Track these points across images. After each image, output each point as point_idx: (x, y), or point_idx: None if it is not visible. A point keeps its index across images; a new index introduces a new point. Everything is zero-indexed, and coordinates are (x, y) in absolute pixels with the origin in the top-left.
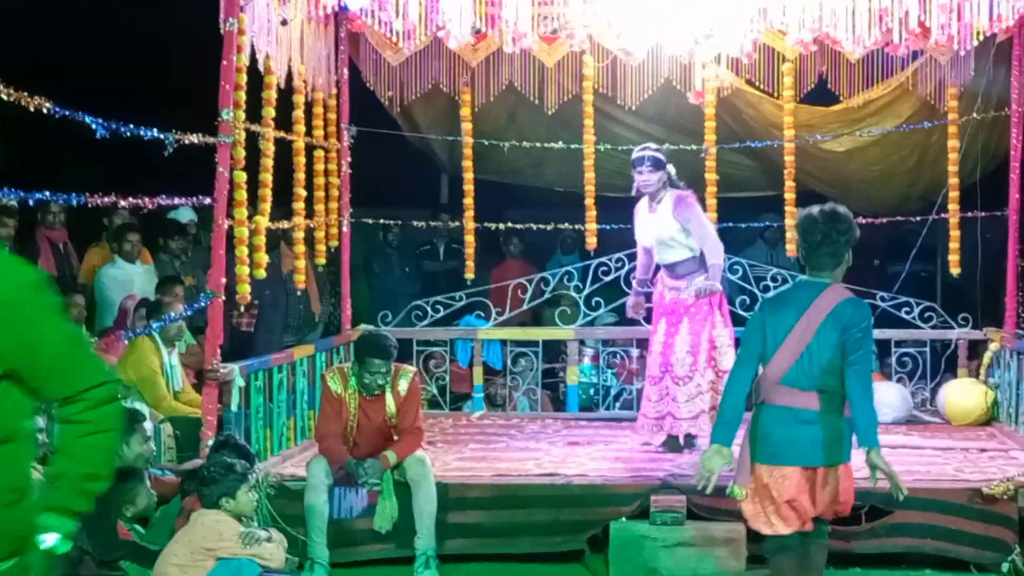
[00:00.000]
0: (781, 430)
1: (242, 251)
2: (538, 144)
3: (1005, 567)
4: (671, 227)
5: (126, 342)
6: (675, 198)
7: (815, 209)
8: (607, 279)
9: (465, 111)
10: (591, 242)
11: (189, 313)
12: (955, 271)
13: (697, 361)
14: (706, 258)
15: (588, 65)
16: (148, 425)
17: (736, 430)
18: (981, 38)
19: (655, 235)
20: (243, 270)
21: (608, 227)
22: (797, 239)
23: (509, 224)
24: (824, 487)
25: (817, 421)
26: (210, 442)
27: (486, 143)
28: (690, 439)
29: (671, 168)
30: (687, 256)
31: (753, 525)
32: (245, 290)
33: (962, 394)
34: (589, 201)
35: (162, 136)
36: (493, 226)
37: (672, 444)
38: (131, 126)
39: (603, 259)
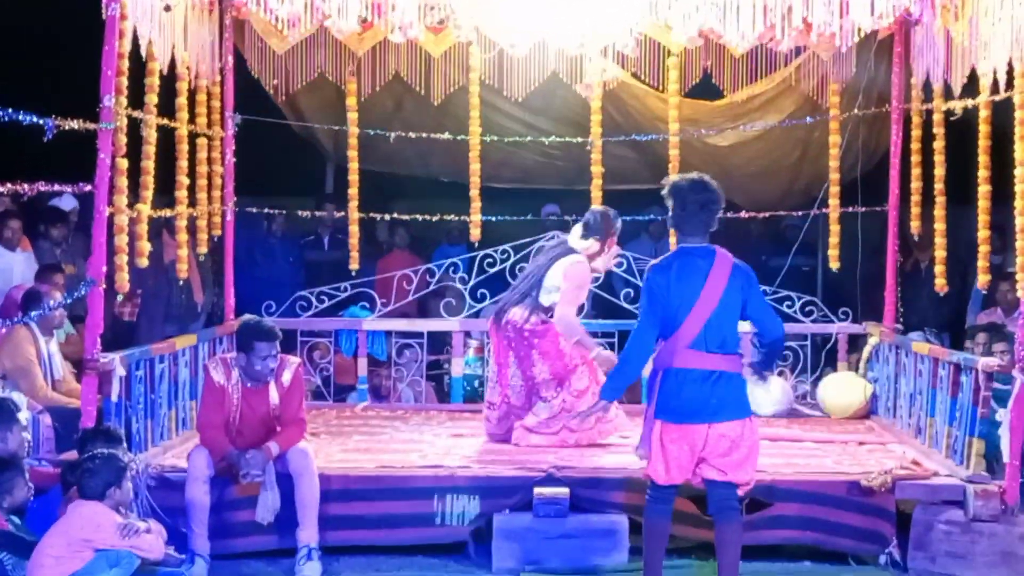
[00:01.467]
0: (691, 391)
1: (122, 239)
2: (424, 135)
3: (882, 559)
4: None
5: (3, 331)
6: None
7: (684, 180)
8: (492, 271)
9: (351, 101)
10: (475, 233)
11: (69, 302)
12: (835, 265)
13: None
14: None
15: (474, 56)
16: (25, 415)
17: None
18: (862, 35)
19: None
20: (123, 258)
21: (494, 219)
22: (671, 205)
23: (395, 215)
24: (723, 443)
25: (721, 379)
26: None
27: (372, 133)
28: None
29: None
30: None
31: (649, 472)
32: (124, 279)
33: (841, 388)
34: (474, 192)
35: (41, 121)
36: (378, 216)
37: None
38: (8, 110)
39: (488, 251)
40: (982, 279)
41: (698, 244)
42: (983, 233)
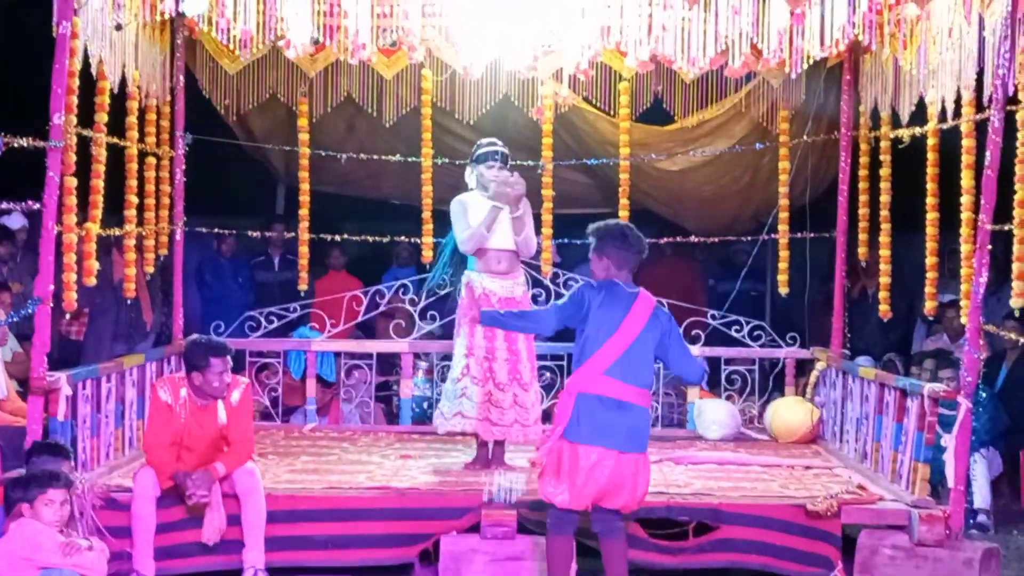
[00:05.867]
0: (601, 415)
1: (70, 258)
2: (376, 156)
3: None
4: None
5: None
6: None
7: (611, 221)
8: (442, 292)
9: (302, 121)
10: (427, 255)
11: (15, 319)
12: (783, 291)
13: (534, 366)
14: (529, 241)
15: (427, 79)
16: None
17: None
18: (812, 62)
19: (505, 221)
20: (70, 277)
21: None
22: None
23: (345, 236)
24: (625, 472)
25: (632, 411)
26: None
27: (323, 154)
28: (500, 445)
29: None
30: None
31: (545, 495)
32: (71, 297)
33: (788, 412)
34: (426, 214)
35: None
36: (328, 237)
37: (484, 457)
38: None
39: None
40: (928, 305)
41: (625, 281)
42: (930, 260)
